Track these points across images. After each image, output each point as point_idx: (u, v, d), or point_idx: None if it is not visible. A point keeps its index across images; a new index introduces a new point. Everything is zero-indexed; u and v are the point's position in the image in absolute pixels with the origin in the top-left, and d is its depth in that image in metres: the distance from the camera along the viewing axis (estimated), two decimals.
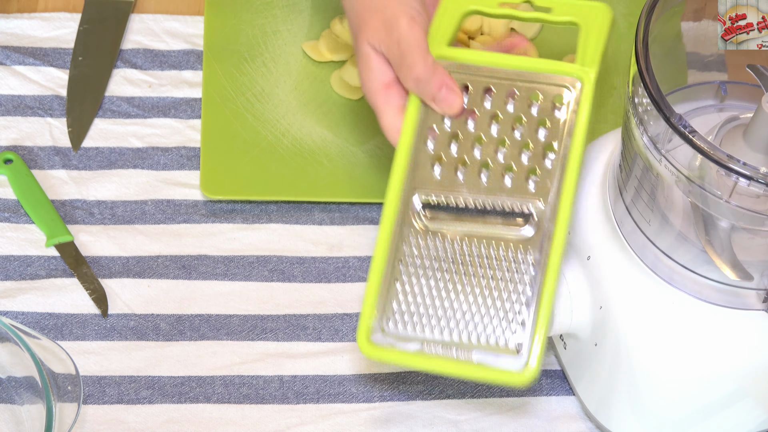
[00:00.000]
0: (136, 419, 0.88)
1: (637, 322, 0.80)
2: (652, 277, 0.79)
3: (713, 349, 0.78)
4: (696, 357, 0.79)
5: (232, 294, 0.94)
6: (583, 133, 0.78)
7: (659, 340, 0.79)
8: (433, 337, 0.78)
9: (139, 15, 1.09)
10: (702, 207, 0.74)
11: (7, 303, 0.93)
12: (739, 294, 0.77)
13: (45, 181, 0.99)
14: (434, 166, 0.80)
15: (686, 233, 0.76)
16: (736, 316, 0.78)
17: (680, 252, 0.77)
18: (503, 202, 0.79)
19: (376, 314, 0.78)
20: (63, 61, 1.05)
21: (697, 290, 0.78)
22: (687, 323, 0.78)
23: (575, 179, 0.78)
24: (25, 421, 0.86)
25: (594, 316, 0.82)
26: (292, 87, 1.05)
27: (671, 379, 0.80)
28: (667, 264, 0.78)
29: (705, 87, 0.82)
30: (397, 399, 0.90)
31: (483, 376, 0.77)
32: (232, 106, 1.03)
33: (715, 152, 0.69)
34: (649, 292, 0.79)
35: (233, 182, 0.98)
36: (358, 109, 1.04)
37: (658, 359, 0.80)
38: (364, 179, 1.00)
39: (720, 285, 0.77)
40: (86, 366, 0.90)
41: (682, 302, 0.78)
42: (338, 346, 0.92)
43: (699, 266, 0.77)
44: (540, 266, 0.77)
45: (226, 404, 0.89)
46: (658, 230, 0.78)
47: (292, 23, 1.08)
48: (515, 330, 0.77)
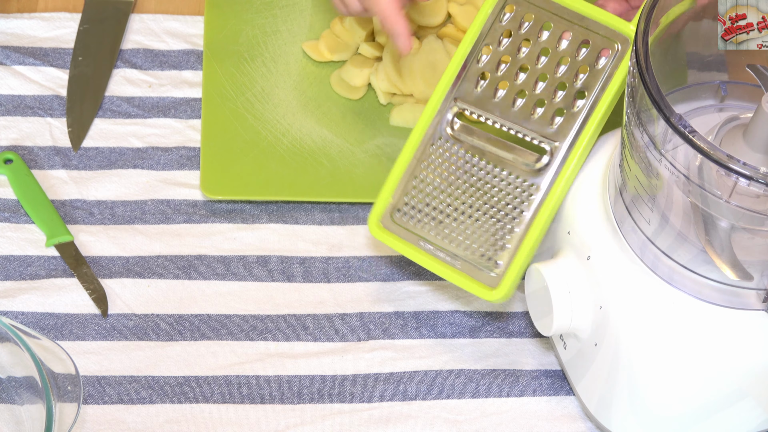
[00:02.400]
0: (136, 419, 0.88)
1: (637, 322, 0.80)
2: (652, 276, 0.79)
3: (713, 348, 0.78)
4: (696, 357, 0.79)
5: (231, 294, 0.94)
6: (615, 89, 0.83)
7: (659, 340, 0.79)
8: (429, 237, 0.88)
9: (139, 15, 1.09)
10: (702, 207, 0.73)
11: (7, 303, 0.93)
12: (739, 294, 0.77)
13: (45, 181, 0.99)
14: (478, 82, 0.87)
15: (686, 233, 0.76)
16: (736, 316, 0.77)
17: (680, 252, 0.77)
18: (526, 134, 0.86)
19: (390, 201, 0.89)
20: (63, 61, 1.05)
21: (697, 290, 0.78)
22: (687, 323, 0.78)
23: (595, 130, 0.84)
24: (25, 421, 0.86)
25: (594, 316, 0.82)
26: (292, 87, 1.05)
27: (671, 378, 0.80)
28: (666, 264, 0.78)
29: (705, 87, 0.82)
30: (396, 399, 0.90)
31: (459, 283, 0.87)
32: (232, 106, 1.03)
33: (715, 152, 0.68)
34: (649, 292, 0.79)
35: (233, 182, 0.98)
36: (358, 109, 1.04)
37: (658, 359, 0.80)
38: (364, 179, 0.99)
39: (720, 285, 0.77)
40: (86, 366, 0.90)
41: (681, 302, 0.78)
42: (338, 346, 0.92)
43: (699, 266, 0.77)
44: (540, 201, 0.84)
45: (226, 404, 0.89)
46: (657, 230, 0.77)
47: (292, 23, 1.08)
48: (498, 251, 0.85)
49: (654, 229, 0.78)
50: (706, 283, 0.77)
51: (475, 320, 0.94)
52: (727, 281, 0.76)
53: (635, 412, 0.84)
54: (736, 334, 0.78)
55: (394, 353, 0.92)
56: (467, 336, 0.93)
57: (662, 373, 0.80)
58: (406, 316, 0.94)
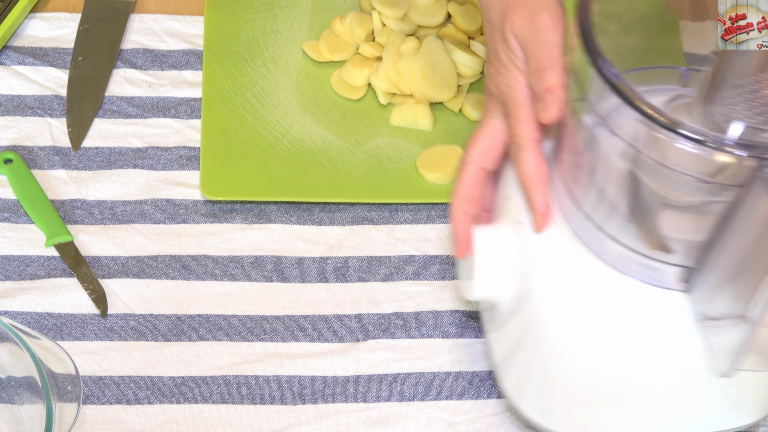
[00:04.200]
0: (135, 419, 0.88)
1: (555, 291, 0.78)
2: (577, 245, 0.77)
3: (628, 324, 0.77)
4: (610, 331, 0.77)
5: (231, 294, 0.94)
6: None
7: (574, 311, 0.78)
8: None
9: (139, 15, 1.09)
10: (633, 169, 0.72)
11: (7, 303, 0.93)
12: (660, 270, 0.75)
13: (45, 181, 0.99)
14: None
15: (616, 202, 0.74)
16: (655, 294, 0.76)
17: (608, 221, 0.75)
18: None
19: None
20: (63, 61, 1.05)
21: (621, 263, 0.76)
22: (605, 296, 0.77)
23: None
24: (25, 421, 0.86)
25: (517, 283, 0.81)
26: (292, 87, 1.05)
27: (583, 352, 0.78)
28: (594, 234, 0.76)
29: (671, 72, 0.80)
30: (395, 399, 0.90)
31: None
32: (231, 106, 1.03)
33: (638, 101, 0.67)
34: (572, 261, 0.78)
35: (233, 183, 0.98)
36: (358, 109, 1.04)
37: (571, 330, 0.78)
38: (364, 179, 0.99)
39: (642, 258, 0.75)
40: (86, 366, 0.90)
41: (603, 274, 0.77)
42: (337, 346, 0.92)
43: (624, 237, 0.75)
44: None
45: (225, 405, 0.89)
46: (585, 194, 0.76)
47: (292, 23, 1.08)
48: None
49: (582, 192, 0.76)
50: (631, 256, 0.75)
51: (473, 321, 0.94)
52: (649, 254, 0.74)
53: (544, 393, 0.82)
54: (652, 312, 0.76)
55: (393, 354, 0.92)
56: (465, 337, 0.93)
57: (575, 346, 0.78)
58: (405, 317, 0.94)
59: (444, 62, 1.03)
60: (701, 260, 0.74)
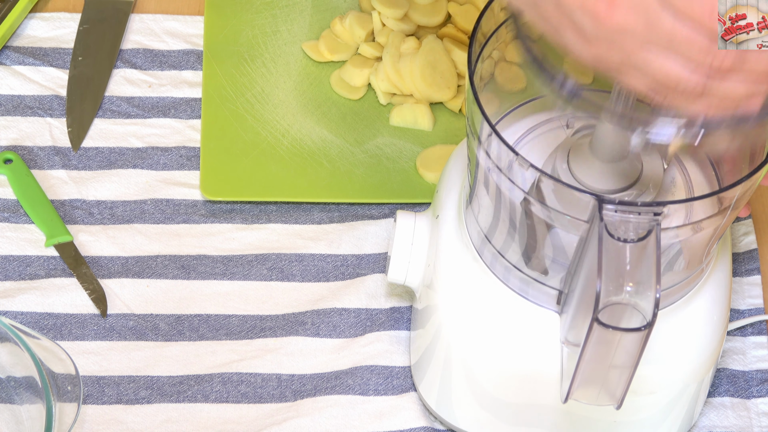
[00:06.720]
0: (135, 419, 0.88)
1: (450, 291, 0.81)
2: (474, 254, 0.80)
3: (506, 336, 0.79)
4: (488, 340, 0.80)
5: (231, 294, 0.94)
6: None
7: (464, 312, 0.81)
8: None
9: (139, 15, 1.09)
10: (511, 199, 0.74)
11: (7, 303, 0.93)
12: (539, 289, 0.77)
13: (45, 181, 0.99)
14: None
15: (500, 214, 0.77)
16: (535, 312, 0.78)
17: (493, 232, 0.78)
18: None
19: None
20: (63, 61, 1.05)
21: (505, 276, 0.78)
22: (490, 305, 0.79)
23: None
24: (25, 421, 0.86)
25: (424, 274, 0.84)
26: (292, 87, 1.05)
27: (472, 352, 0.81)
28: (485, 246, 0.79)
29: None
30: (391, 393, 0.90)
31: None
32: (231, 106, 1.03)
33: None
34: (466, 267, 0.80)
35: (233, 183, 0.98)
36: (358, 109, 1.04)
37: (462, 331, 0.81)
38: (364, 179, 0.99)
39: (522, 275, 0.77)
40: (85, 366, 0.90)
41: (491, 282, 0.79)
42: (336, 342, 0.92)
43: (507, 251, 0.77)
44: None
45: (224, 403, 0.89)
46: (479, 212, 0.78)
47: (292, 23, 1.08)
48: None
49: (478, 212, 0.78)
50: (515, 272, 0.78)
51: None
52: (528, 272, 0.77)
53: (441, 385, 0.85)
54: (530, 327, 0.78)
55: (390, 346, 0.92)
56: None
57: (465, 346, 0.81)
58: (403, 310, 0.94)
59: (444, 62, 1.03)
60: (566, 286, 0.76)
